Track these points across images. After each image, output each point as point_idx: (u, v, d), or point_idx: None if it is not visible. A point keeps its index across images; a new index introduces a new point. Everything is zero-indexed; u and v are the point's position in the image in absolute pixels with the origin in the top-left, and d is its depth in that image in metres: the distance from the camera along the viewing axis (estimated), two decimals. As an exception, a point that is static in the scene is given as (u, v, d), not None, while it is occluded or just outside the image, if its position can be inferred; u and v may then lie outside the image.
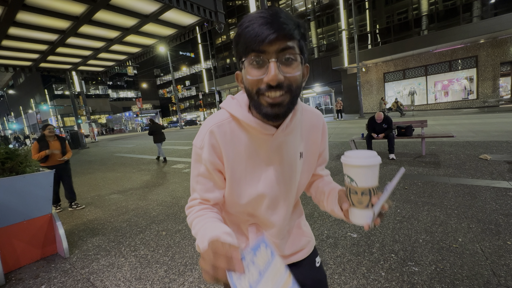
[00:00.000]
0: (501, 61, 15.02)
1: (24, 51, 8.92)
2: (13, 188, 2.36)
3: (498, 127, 7.34)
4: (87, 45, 9.16)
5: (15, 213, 2.40)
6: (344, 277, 1.86)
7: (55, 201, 4.00)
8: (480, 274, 1.75)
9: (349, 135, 8.58)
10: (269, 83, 0.53)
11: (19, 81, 52.34)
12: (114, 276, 2.18)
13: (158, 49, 10.20)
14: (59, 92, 44.05)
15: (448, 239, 2.20)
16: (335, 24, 22.59)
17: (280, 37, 0.51)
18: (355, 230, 2.51)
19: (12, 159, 2.58)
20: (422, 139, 5.14)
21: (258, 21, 0.52)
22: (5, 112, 52.87)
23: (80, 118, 16.13)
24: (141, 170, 6.67)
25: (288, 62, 0.54)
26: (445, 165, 4.30)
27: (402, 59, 18.18)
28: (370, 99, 20.19)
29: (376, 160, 0.55)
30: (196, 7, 6.62)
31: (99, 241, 2.87)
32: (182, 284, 1.98)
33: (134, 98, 54.72)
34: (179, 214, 3.42)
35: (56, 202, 4.06)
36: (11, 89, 55.70)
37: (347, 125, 12.25)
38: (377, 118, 5.20)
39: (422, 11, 17.58)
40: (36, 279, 2.25)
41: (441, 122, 9.57)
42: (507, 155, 4.48)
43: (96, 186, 5.50)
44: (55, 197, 3.98)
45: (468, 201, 2.88)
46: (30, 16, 6.50)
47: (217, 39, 31.42)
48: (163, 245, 2.62)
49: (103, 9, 6.55)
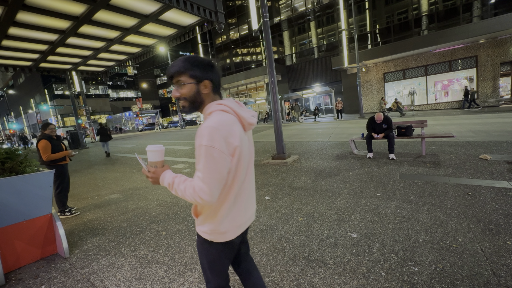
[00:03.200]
0: (501, 61, 15.03)
1: (24, 51, 8.93)
2: (13, 188, 2.36)
3: (498, 127, 7.34)
4: (87, 45, 9.17)
5: (15, 213, 2.40)
6: (344, 277, 1.86)
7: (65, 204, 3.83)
8: (480, 274, 1.75)
9: (349, 135, 8.58)
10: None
11: (19, 81, 52.33)
12: (114, 276, 2.18)
13: (158, 49, 10.21)
14: (59, 92, 44.05)
15: (448, 239, 2.20)
16: (335, 24, 22.59)
17: (168, 77, 1.03)
18: (355, 230, 2.51)
19: (12, 159, 2.58)
20: (422, 139, 5.14)
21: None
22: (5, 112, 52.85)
23: (80, 118, 16.12)
24: (141, 170, 6.67)
25: (179, 86, 1.01)
26: (445, 165, 4.30)
27: (402, 59, 18.18)
28: (370, 99, 20.19)
29: (153, 148, 1.03)
30: (196, 7, 6.62)
31: (99, 241, 2.87)
32: (182, 284, 1.98)
33: (134, 98, 54.73)
34: (179, 214, 3.42)
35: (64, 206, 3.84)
36: (11, 89, 55.71)
37: (347, 125, 12.26)
38: (377, 119, 5.20)
39: (422, 11, 17.59)
40: (36, 279, 2.25)
41: (441, 122, 9.57)
42: (507, 155, 4.48)
43: (96, 186, 5.50)
44: (65, 200, 3.83)
45: (468, 201, 2.88)
46: (30, 16, 6.50)
47: (217, 39, 31.40)
48: (163, 245, 2.62)
49: (103, 9, 6.55)
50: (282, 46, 26.60)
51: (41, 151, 3.47)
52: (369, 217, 2.74)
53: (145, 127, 35.31)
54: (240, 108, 1.04)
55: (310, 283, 1.84)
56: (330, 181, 4.15)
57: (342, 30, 17.43)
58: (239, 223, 1.09)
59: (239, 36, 29.03)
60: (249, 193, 1.13)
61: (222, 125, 0.91)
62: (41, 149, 3.47)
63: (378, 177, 4.07)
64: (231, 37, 29.90)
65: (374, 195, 3.36)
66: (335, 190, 3.69)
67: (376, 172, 4.35)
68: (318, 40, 24.22)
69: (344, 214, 2.89)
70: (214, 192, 0.91)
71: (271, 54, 5.74)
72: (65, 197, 3.84)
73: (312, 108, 25.08)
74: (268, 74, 5.79)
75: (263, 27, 5.74)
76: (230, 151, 0.93)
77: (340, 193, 3.57)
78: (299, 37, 25.38)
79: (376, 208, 2.94)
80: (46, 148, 3.49)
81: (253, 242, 2.48)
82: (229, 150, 0.93)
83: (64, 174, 3.80)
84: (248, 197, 1.12)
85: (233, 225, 1.06)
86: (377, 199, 3.21)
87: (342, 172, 4.58)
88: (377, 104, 19.79)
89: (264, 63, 27.14)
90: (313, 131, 11.60)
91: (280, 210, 3.20)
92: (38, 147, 3.49)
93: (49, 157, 3.50)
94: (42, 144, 3.48)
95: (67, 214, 3.79)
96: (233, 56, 30.19)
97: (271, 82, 5.72)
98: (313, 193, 3.67)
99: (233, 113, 0.99)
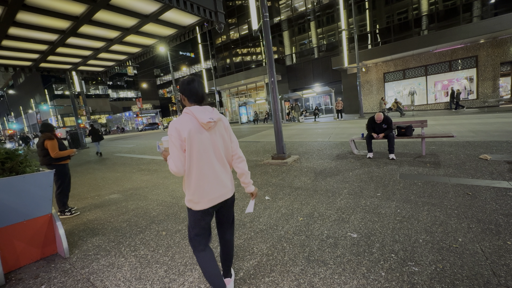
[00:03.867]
0: (501, 61, 15.03)
1: (24, 51, 8.93)
2: (13, 188, 2.36)
3: (498, 127, 7.34)
4: (87, 45, 9.17)
5: (15, 213, 2.40)
6: (344, 277, 1.86)
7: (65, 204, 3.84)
8: (480, 274, 1.75)
9: (349, 135, 8.58)
10: None
11: (19, 81, 52.33)
12: (114, 276, 2.18)
13: (158, 49, 10.21)
14: (59, 92, 44.07)
15: (448, 239, 2.20)
16: (335, 24, 22.59)
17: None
18: (355, 230, 2.51)
19: (12, 159, 2.58)
20: (422, 139, 5.14)
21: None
22: (5, 112, 52.84)
23: (80, 118, 16.13)
24: (141, 170, 6.67)
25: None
26: (445, 165, 4.30)
27: (402, 59, 18.18)
28: (370, 99, 20.19)
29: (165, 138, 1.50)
30: (196, 7, 6.62)
31: (99, 241, 2.87)
32: (182, 284, 1.98)
33: (134, 98, 54.76)
34: (179, 214, 3.42)
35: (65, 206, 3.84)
36: (11, 89, 55.68)
37: (347, 125, 12.26)
38: (377, 119, 5.19)
39: (422, 11, 17.59)
40: (36, 279, 2.25)
41: (441, 122, 9.57)
42: (507, 155, 4.48)
43: (96, 186, 5.50)
44: (66, 200, 3.83)
45: (468, 201, 2.88)
46: (30, 16, 6.50)
47: (217, 39, 31.40)
48: (163, 245, 2.62)
49: (103, 9, 6.56)
50: (282, 46, 26.60)
51: (50, 148, 3.57)
52: (369, 217, 2.74)
53: (145, 127, 35.23)
54: (199, 112, 1.48)
55: (310, 283, 1.84)
56: (330, 181, 4.15)
57: (342, 30, 17.44)
58: (209, 198, 1.53)
59: (239, 36, 29.02)
60: (217, 176, 1.54)
61: (178, 121, 1.45)
62: (51, 146, 3.57)
63: (378, 177, 4.07)
64: (231, 37, 29.89)
65: (374, 195, 3.36)
66: (335, 190, 3.69)
67: (376, 172, 4.35)
68: (318, 40, 24.21)
69: (344, 214, 2.89)
70: (177, 165, 1.44)
71: (271, 54, 5.74)
72: (65, 197, 3.85)
73: (312, 108, 25.09)
74: (268, 74, 5.79)
75: (263, 27, 5.74)
76: (180, 137, 1.42)
77: (340, 193, 3.57)
78: (299, 37, 25.37)
79: (376, 208, 2.94)
80: (55, 146, 3.62)
81: (253, 242, 2.48)
82: (180, 136, 1.42)
83: (66, 174, 3.83)
84: (216, 180, 1.54)
85: (204, 198, 1.52)
86: (377, 199, 3.21)
87: (342, 172, 4.58)
88: (377, 104, 19.79)
89: (264, 63, 27.13)
90: (313, 131, 11.60)
91: (280, 210, 3.20)
92: (47, 145, 3.58)
93: (58, 154, 3.62)
94: (52, 142, 3.60)
95: (67, 214, 3.79)
96: (233, 56, 30.19)
97: (271, 82, 5.72)
98: (313, 193, 3.67)
99: (191, 114, 1.47)
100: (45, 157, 3.62)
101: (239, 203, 3.56)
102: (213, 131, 1.54)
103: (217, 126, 1.57)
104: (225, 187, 1.59)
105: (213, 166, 1.53)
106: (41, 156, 3.62)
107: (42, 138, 3.62)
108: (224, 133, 1.61)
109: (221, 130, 1.59)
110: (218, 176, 1.55)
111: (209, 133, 1.51)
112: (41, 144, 3.60)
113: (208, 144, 1.51)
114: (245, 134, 13.57)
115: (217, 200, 1.57)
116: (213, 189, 1.54)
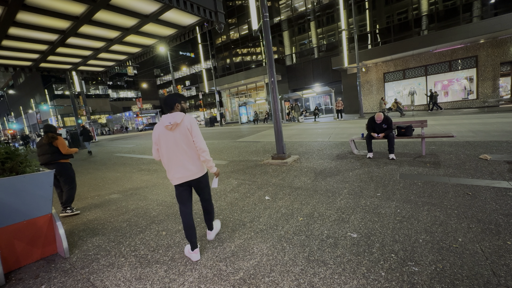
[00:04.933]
0: (501, 61, 15.03)
1: (24, 51, 8.93)
2: (13, 188, 2.36)
3: (498, 127, 7.34)
4: (87, 45, 9.17)
5: (15, 213, 2.40)
6: (344, 277, 1.86)
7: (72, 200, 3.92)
8: (480, 274, 1.75)
9: (349, 135, 8.58)
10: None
11: (19, 81, 52.33)
12: (114, 276, 2.18)
13: (158, 49, 10.21)
14: (59, 92, 44.05)
15: (448, 239, 2.20)
16: (335, 24, 22.60)
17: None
18: (355, 230, 2.51)
19: (12, 159, 2.58)
20: (422, 139, 5.14)
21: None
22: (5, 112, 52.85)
23: (80, 118, 16.13)
24: (141, 170, 6.67)
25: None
26: (445, 165, 4.30)
27: (402, 59, 18.18)
28: (370, 99, 20.19)
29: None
30: (196, 7, 6.62)
31: (99, 241, 2.87)
32: (182, 284, 1.98)
33: (134, 98, 54.76)
34: (179, 214, 3.41)
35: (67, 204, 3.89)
36: (11, 89, 55.70)
37: (347, 125, 12.26)
38: (376, 119, 5.19)
39: (422, 11, 17.59)
40: (36, 279, 2.25)
41: (441, 122, 9.57)
42: (507, 155, 4.48)
43: (96, 186, 5.50)
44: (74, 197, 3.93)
45: (468, 201, 2.88)
46: (30, 16, 6.50)
47: (217, 39, 31.40)
48: (163, 245, 2.62)
49: (103, 9, 6.55)
50: (282, 46, 26.61)
51: (61, 146, 3.79)
52: (369, 217, 2.74)
53: (145, 127, 35.24)
54: (164, 118, 2.09)
55: (310, 283, 1.84)
56: (330, 181, 4.15)
57: (342, 30, 17.43)
58: (176, 177, 2.17)
59: (239, 36, 29.03)
60: (180, 163, 2.14)
61: (155, 125, 2.17)
62: (61, 144, 3.80)
63: (378, 177, 4.07)
64: (231, 37, 29.90)
65: (374, 195, 3.36)
66: (335, 190, 3.69)
67: (376, 172, 4.35)
68: (318, 40, 24.22)
69: (344, 214, 2.89)
70: (154, 154, 2.25)
71: (271, 54, 5.74)
72: (75, 193, 3.98)
73: (312, 108, 25.08)
74: (268, 74, 5.79)
75: (263, 27, 5.74)
76: (154, 137, 2.17)
77: (340, 193, 3.57)
78: (299, 37, 25.38)
79: (376, 208, 2.94)
80: (64, 143, 3.85)
81: (253, 242, 2.48)
82: (154, 136, 2.17)
83: (73, 171, 4.01)
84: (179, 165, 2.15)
85: (173, 177, 2.18)
86: (377, 199, 3.21)
87: (342, 172, 4.58)
88: (377, 104, 19.79)
89: (264, 63, 27.14)
90: (313, 131, 11.60)
91: (280, 210, 3.20)
92: (57, 143, 3.76)
93: (68, 150, 3.85)
94: (61, 140, 3.84)
95: (68, 211, 3.83)
96: (233, 56, 30.19)
97: (271, 82, 5.72)
98: (313, 193, 3.67)
99: (161, 121, 2.10)
100: (53, 154, 3.73)
101: (241, 200, 3.56)
102: (176, 131, 2.09)
103: (179, 127, 2.09)
104: (188, 171, 2.17)
105: (177, 156, 2.12)
106: (49, 154, 3.71)
107: (47, 137, 3.74)
108: (187, 131, 2.11)
109: (183, 130, 2.09)
110: (181, 162, 2.14)
111: (172, 132, 2.09)
112: (49, 142, 3.73)
113: (172, 140, 2.10)
114: (245, 134, 13.57)
115: (184, 179, 2.18)
116: (177, 171, 2.15)
